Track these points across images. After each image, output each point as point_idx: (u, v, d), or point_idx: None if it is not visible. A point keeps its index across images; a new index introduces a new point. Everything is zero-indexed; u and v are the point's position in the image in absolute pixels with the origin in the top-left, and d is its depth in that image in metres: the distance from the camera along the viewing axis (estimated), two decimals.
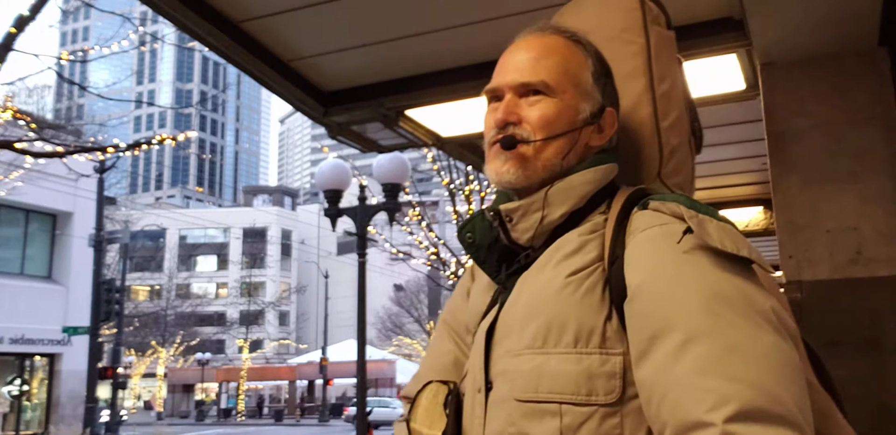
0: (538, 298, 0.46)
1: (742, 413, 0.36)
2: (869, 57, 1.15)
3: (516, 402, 0.44)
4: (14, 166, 7.52)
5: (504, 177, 0.49)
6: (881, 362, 1.07)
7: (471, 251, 0.51)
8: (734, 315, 0.39)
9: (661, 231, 0.43)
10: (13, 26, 4.72)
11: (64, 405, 8.89)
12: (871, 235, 1.12)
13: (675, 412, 0.38)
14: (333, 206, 3.95)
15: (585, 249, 0.46)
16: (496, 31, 1.24)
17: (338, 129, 1.53)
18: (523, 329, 0.46)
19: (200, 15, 1.13)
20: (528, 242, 0.49)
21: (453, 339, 0.56)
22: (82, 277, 9.05)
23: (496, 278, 0.50)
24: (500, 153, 0.49)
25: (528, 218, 0.48)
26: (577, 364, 0.43)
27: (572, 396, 0.42)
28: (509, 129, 0.49)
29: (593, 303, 0.44)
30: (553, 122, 0.48)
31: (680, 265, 0.41)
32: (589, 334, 0.43)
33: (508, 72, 0.50)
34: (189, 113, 52.88)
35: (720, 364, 0.38)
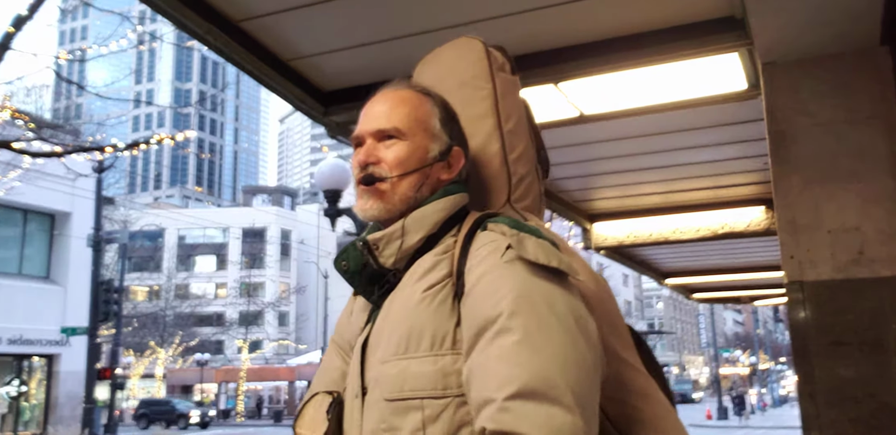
0: (401, 312, 0.54)
1: (519, 392, 0.45)
2: (870, 56, 1.15)
3: (386, 401, 0.51)
4: (12, 166, 7.50)
5: (368, 212, 0.58)
6: (883, 363, 1.07)
7: (346, 277, 0.58)
8: (534, 315, 0.48)
9: (491, 247, 0.53)
10: (11, 25, 4.70)
11: (62, 406, 8.87)
12: (872, 235, 1.11)
13: (477, 392, 0.47)
14: (333, 205, 3.95)
15: (438, 267, 0.54)
16: (495, 30, 1.24)
17: (337, 128, 1.53)
18: (390, 339, 0.53)
19: (199, 14, 1.13)
20: (392, 266, 0.57)
21: (341, 355, 0.62)
22: (80, 278, 9.03)
23: (370, 299, 0.59)
24: (363, 191, 0.58)
25: (391, 245, 0.56)
26: (434, 365, 0.51)
27: (431, 391, 0.50)
28: (369, 168, 0.58)
29: (445, 312, 0.52)
30: (405, 161, 0.57)
31: (500, 273, 0.51)
32: (443, 339, 0.51)
33: (368, 121, 0.59)
34: (188, 112, 52.77)
35: (513, 354, 0.47)
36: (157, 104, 30.26)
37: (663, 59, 1.25)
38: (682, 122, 1.78)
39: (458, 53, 0.64)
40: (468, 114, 0.61)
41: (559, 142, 1.91)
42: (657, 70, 1.31)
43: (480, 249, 0.53)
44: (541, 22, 1.22)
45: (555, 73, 1.32)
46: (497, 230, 0.53)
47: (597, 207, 2.76)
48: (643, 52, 1.24)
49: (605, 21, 1.23)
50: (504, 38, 1.31)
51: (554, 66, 1.30)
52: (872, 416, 1.05)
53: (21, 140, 5.40)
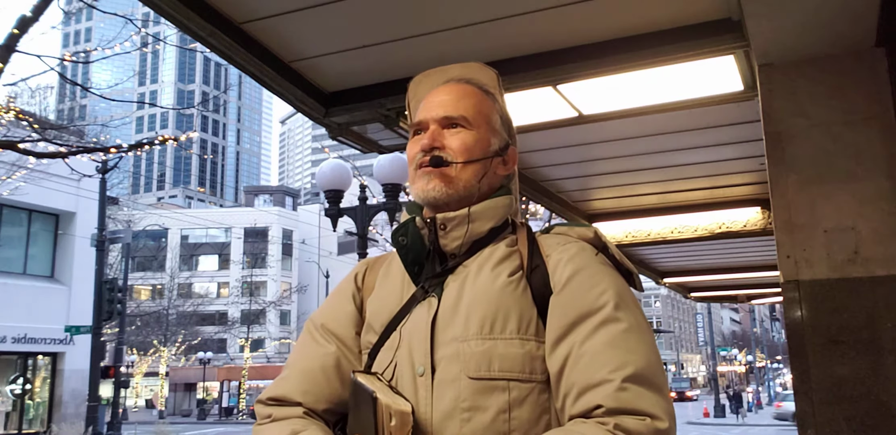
0: (483, 293, 0.55)
1: (635, 376, 0.49)
2: (866, 58, 1.16)
3: (469, 380, 0.52)
4: (17, 167, 7.55)
5: (430, 193, 0.58)
6: (879, 361, 1.07)
7: (402, 253, 0.59)
8: (632, 311, 0.53)
9: (579, 246, 0.57)
10: (16, 27, 4.74)
11: (66, 404, 8.92)
12: (868, 235, 1.12)
13: (584, 373, 0.50)
14: (334, 206, 3.96)
15: (512, 258, 0.57)
16: (496, 32, 1.25)
17: (338, 129, 1.55)
18: (469, 319, 0.54)
19: (202, 16, 1.14)
20: (454, 250, 0.58)
21: (335, 343, 0.60)
22: (85, 277, 9.06)
23: (417, 278, 0.58)
24: (427, 172, 0.59)
25: (459, 228, 0.58)
26: (521, 348, 0.53)
27: (518, 373, 0.52)
28: (435, 152, 0.59)
29: (528, 300, 0.55)
30: (471, 149, 0.59)
31: (599, 270, 0.55)
32: (528, 324, 0.54)
33: (433, 108, 0.61)
34: (191, 113, 52.97)
35: (624, 341, 0.51)
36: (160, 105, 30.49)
37: (661, 61, 1.26)
38: (679, 123, 1.79)
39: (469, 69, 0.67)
40: None
41: (558, 142, 1.92)
42: (655, 72, 1.32)
43: (567, 246, 0.56)
44: (539, 24, 1.24)
45: (553, 75, 1.33)
46: (573, 235, 0.58)
47: (595, 207, 2.77)
48: (641, 54, 1.25)
49: (603, 23, 1.24)
50: (503, 41, 1.33)
51: (552, 68, 1.31)
52: (867, 414, 1.06)
53: (26, 141, 5.45)
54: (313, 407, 0.57)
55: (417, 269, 0.58)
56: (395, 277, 0.61)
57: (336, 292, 0.64)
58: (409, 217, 0.59)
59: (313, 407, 0.57)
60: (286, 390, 0.57)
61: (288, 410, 0.57)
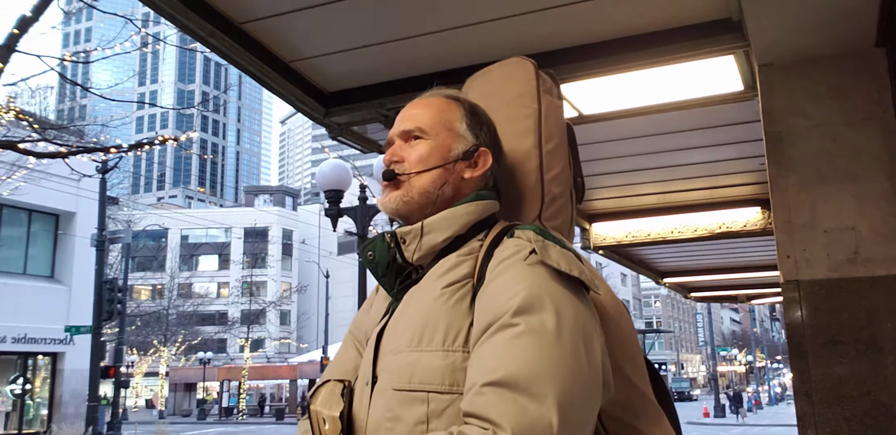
0: (419, 306, 0.55)
1: (499, 380, 0.47)
2: (866, 58, 1.16)
3: (393, 391, 0.52)
4: (17, 167, 7.55)
5: (388, 205, 0.59)
6: (879, 362, 1.07)
7: (370, 267, 0.60)
8: (540, 316, 0.49)
9: (514, 249, 0.55)
10: (16, 27, 4.74)
11: (66, 404, 8.93)
12: (868, 235, 1.12)
13: (469, 376, 0.50)
14: (334, 206, 3.96)
15: (460, 267, 0.56)
16: (496, 32, 1.25)
17: (338, 129, 1.54)
18: (404, 331, 0.55)
19: (202, 16, 1.14)
20: (417, 261, 0.58)
21: (356, 348, 0.63)
22: (85, 277, 9.07)
23: (390, 292, 0.60)
24: (384, 186, 0.60)
25: (414, 241, 0.58)
26: (444, 360, 0.52)
27: (438, 385, 0.51)
28: (392, 166, 0.60)
29: (461, 310, 0.54)
30: (426, 158, 0.59)
31: (518, 272, 0.52)
32: (455, 336, 0.52)
33: (397, 124, 0.62)
34: (191, 113, 52.98)
35: (507, 346, 0.49)
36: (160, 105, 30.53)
37: (661, 61, 1.26)
38: (679, 123, 1.79)
39: (508, 72, 0.66)
40: (511, 130, 0.63)
41: None
42: (654, 72, 1.32)
43: (505, 252, 0.54)
44: (539, 24, 1.24)
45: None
46: (523, 237, 0.55)
47: (595, 207, 2.77)
48: (641, 54, 1.25)
49: (602, 23, 1.24)
50: (502, 40, 1.33)
51: (552, 68, 1.31)
52: (867, 414, 1.06)
53: (26, 141, 5.45)
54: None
55: (386, 281, 0.59)
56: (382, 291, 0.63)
57: (366, 301, 0.68)
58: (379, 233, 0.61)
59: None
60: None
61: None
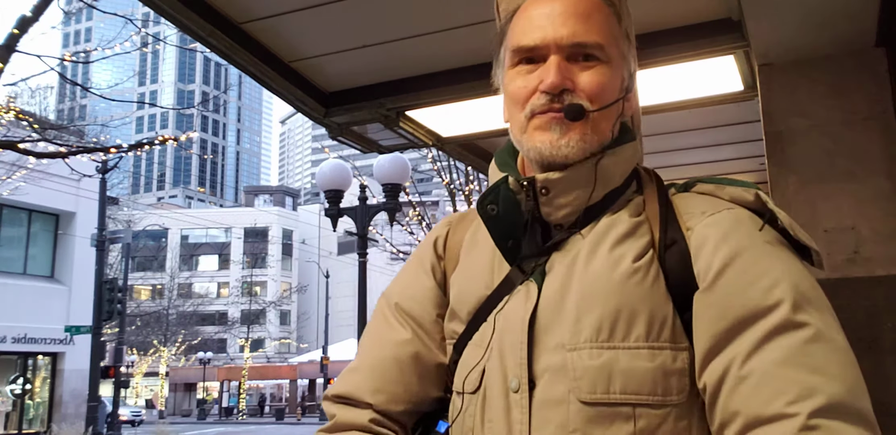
0: (598, 284, 0.40)
1: (827, 407, 0.34)
2: (866, 58, 1.16)
3: (580, 404, 0.38)
4: (17, 167, 7.55)
5: (562, 150, 0.42)
6: (879, 362, 1.07)
7: (491, 225, 0.44)
8: (818, 311, 0.37)
9: (734, 217, 0.40)
10: (16, 27, 4.74)
11: (66, 404, 8.92)
12: (868, 235, 1.12)
13: (751, 401, 0.35)
14: (334, 206, 3.96)
15: (638, 233, 0.41)
16: (495, 32, 1.25)
17: (338, 129, 1.54)
18: (580, 320, 0.40)
19: (202, 16, 1.14)
20: (560, 220, 0.43)
21: (411, 327, 0.47)
22: (85, 277, 9.06)
23: (515, 258, 0.44)
24: (560, 123, 0.42)
25: (570, 193, 0.42)
26: (651, 360, 0.38)
27: (648, 396, 0.38)
28: (566, 97, 0.42)
29: (661, 293, 0.40)
30: (607, 91, 0.43)
31: (766, 253, 0.38)
32: (660, 327, 0.39)
33: (554, 26, 0.42)
34: (191, 113, 53.01)
35: (807, 357, 0.35)
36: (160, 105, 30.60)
37: (660, 61, 1.26)
38: (679, 123, 1.79)
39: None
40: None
41: None
42: (654, 72, 1.32)
43: (715, 217, 0.40)
44: None
45: None
46: (724, 196, 0.41)
47: None
48: (640, 54, 1.24)
49: None
50: None
51: None
52: None
53: (26, 141, 5.45)
54: (386, 408, 0.45)
55: (512, 242, 0.43)
56: (483, 248, 0.46)
57: (412, 261, 0.50)
58: (500, 176, 0.43)
59: (386, 408, 0.45)
60: (355, 387, 0.46)
61: (354, 412, 0.45)
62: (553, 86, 0.42)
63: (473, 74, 1.32)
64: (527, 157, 0.45)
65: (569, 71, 0.43)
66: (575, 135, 0.42)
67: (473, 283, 0.46)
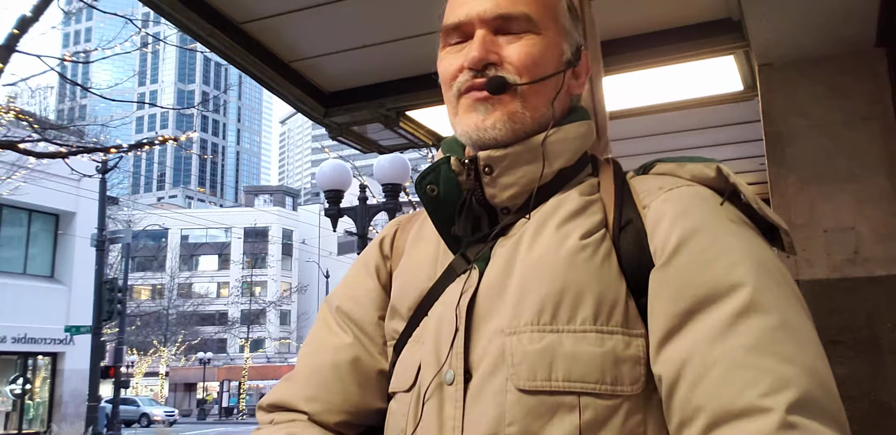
0: (541, 264, 0.36)
1: (802, 402, 0.30)
2: (866, 58, 1.16)
3: (519, 393, 0.34)
4: (17, 167, 7.56)
5: (489, 132, 0.39)
6: (878, 362, 1.07)
7: (431, 207, 0.40)
8: (782, 293, 0.33)
9: (693, 192, 0.37)
10: (16, 27, 4.75)
11: (66, 404, 8.92)
12: (868, 235, 1.12)
13: (717, 393, 0.30)
14: (334, 206, 3.96)
15: (589, 211, 0.38)
16: None
17: (338, 129, 1.54)
18: (521, 302, 0.36)
19: (202, 16, 1.14)
20: (505, 202, 0.39)
21: (352, 331, 0.43)
22: (85, 277, 9.07)
23: (456, 244, 0.40)
24: (482, 100, 0.39)
25: (516, 170, 0.38)
26: (600, 345, 0.34)
27: (595, 384, 0.33)
28: (490, 70, 0.39)
29: (612, 272, 0.36)
30: (539, 63, 0.39)
31: (727, 230, 0.35)
32: (611, 309, 0.35)
33: (478, 1, 0.40)
34: (191, 114, 53.07)
35: (776, 343, 0.31)
36: (160, 105, 30.60)
37: (660, 61, 1.26)
38: (679, 123, 1.79)
39: None
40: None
41: None
42: (654, 72, 1.32)
43: (673, 192, 0.36)
44: None
45: None
46: (684, 174, 0.37)
47: None
48: (640, 54, 1.25)
49: (601, 24, 1.24)
50: None
51: None
52: (867, 414, 1.06)
53: (26, 141, 5.45)
54: (323, 419, 0.41)
55: (455, 229, 0.39)
56: (428, 241, 0.43)
57: (357, 264, 0.47)
58: (442, 157, 0.40)
59: (323, 419, 0.41)
60: (289, 396, 0.42)
61: (291, 415, 0.42)
62: (476, 60, 0.39)
63: None
64: (464, 143, 0.42)
65: (494, 44, 0.40)
66: (501, 114, 0.39)
67: (415, 276, 0.42)
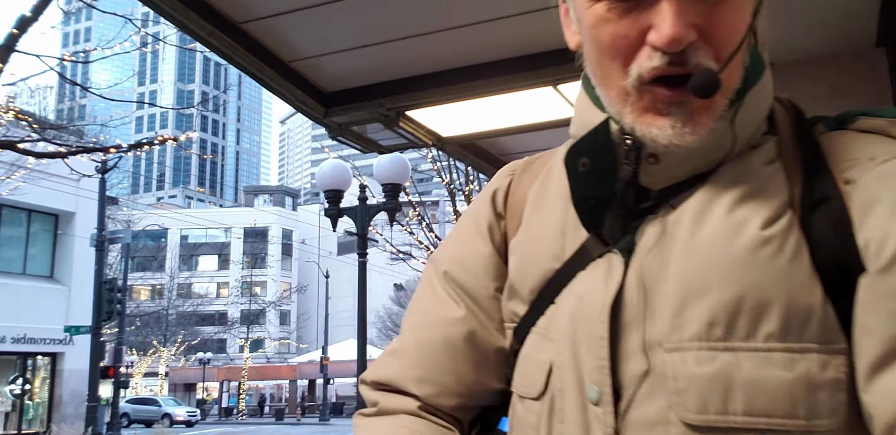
0: (711, 260, 0.28)
1: None
2: (867, 58, 1.15)
3: (685, 428, 0.27)
4: (17, 167, 7.56)
5: (685, 139, 0.29)
6: None
7: (578, 184, 0.32)
8: None
9: None
10: (15, 27, 4.74)
11: (66, 404, 8.92)
12: None
13: None
14: (334, 206, 3.96)
15: (770, 186, 0.29)
16: (496, 32, 1.25)
17: (338, 129, 1.54)
18: (685, 309, 0.28)
19: (201, 16, 1.14)
20: (663, 185, 0.31)
21: (464, 303, 0.36)
22: (84, 277, 9.06)
23: (591, 219, 0.32)
24: (679, 105, 0.29)
25: (690, 161, 0.30)
26: (790, 368, 0.26)
27: (785, 419, 0.26)
28: (690, 55, 0.28)
29: (804, 270, 0.27)
30: (740, 31, 0.29)
31: None
32: (803, 320, 0.27)
33: None
34: (190, 113, 53.08)
35: None
36: (159, 105, 30.56)
37: None
38: None
39: None
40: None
41: (558, 142, 1.91)
42: None
43: (886, 166, 0.27)
44: (539, 24, 1.23)
45: (554, 75, 1.33)
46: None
47: None
48: None
49: None
50: (503, 40, 1.33)
51: (553, 68, 1.31)
52: None
53: (25, 141, 5.45)
54: (436, 403, 0.35)
55: (593, 202, 0.32)
56: (553, 207, 0.34)
57: (466, 220, 0.38)
58: (598, 117, 0.32)
59: (436, 403, 0.35)
60: (396, 374, 0.36)
61: (400, 399, 0.36)
62: (673, 41, 0.27)
63: (473, 74, 1.32)
64: (643, 142, 0.31)
65: (691, 10, 0.27)
66: (707, 120, 0.29)
67: (538, 252, 0.34)
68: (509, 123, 1.62)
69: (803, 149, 0.30)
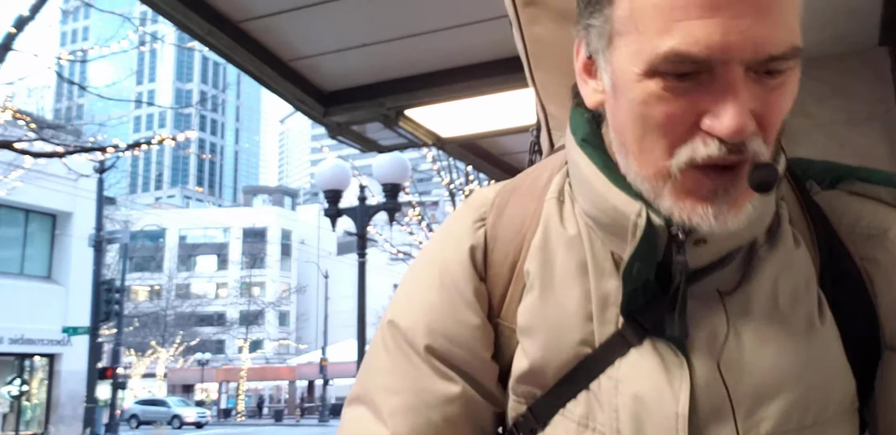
0: (781, 360, 0.28)
1: None
2: (869, 57, 1.15)
3: None
4: (14, 166, 7.53)
5: (728, 224, 0.28)
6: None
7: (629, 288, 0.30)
8: None
9: None
10: (13, 26, 4.73)
11: (64, 405, 8.89)
12: None
13: None
14: (333, 206, 3.95)
15: (806, 272, 0.29)
16: (496, 31, 1.24)
17: (338, 129, 1.53)
18: (756, 410, 0.28)
19: (200, 15, 1.13)
20: (703, 264, 0.30)
21: (460, 378, 0.33)
22: (82, 278, 9.05)
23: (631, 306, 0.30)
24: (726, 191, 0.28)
25: (735, 239, 0.30)
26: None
27: None
28: (749, 144, 0.27)
29: (842, 356, 0.29)
30: (784, 115, 0.29)
31: None
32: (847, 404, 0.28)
33: (737, 23, 0.25)
34: (189, 113, 52.96)
35: None
36: (158, 105, 30.50)
37: None
38: None
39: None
40: None
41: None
42: None
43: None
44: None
45: None
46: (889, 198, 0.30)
47: None
48: None
49: None
50: (500, 41, 1.32)
51: None
52: None
53: (23, 140, 5.43)
54: None
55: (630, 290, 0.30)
56: (569, 279, 0.32)
57: (438, 282, 0.34)
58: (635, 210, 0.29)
59: None
60: None
61: None
62: (736, 133, 0.26)
63: (473, 74, 1.31)
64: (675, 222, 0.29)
65: (751, 97, 0.27)
66: (751, 205, 0.28)
67: (561, 336, 0.31)
68: (509, 123, 1.61)
69: (809, 214, 0.31)
